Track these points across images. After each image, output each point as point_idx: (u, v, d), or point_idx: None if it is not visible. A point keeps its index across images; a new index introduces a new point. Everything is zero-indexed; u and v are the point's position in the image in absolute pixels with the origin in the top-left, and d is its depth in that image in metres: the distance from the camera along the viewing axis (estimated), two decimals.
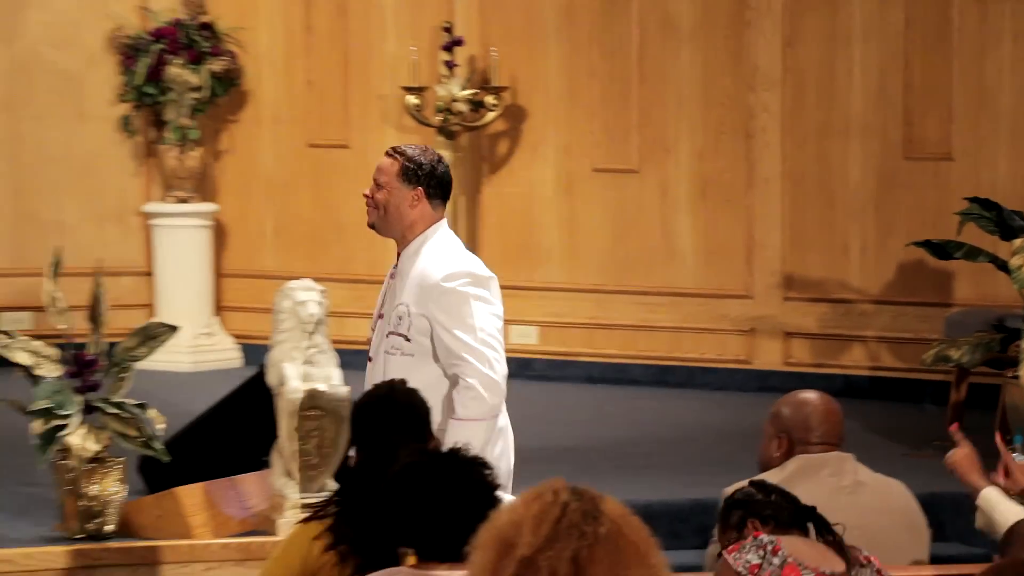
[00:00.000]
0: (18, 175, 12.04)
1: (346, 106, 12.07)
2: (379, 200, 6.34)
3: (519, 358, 11.61)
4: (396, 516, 4.83)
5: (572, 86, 11.68)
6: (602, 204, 11.65)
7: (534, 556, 3.63)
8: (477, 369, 6.13)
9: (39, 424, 7.09)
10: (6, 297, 11.62)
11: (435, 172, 6.32)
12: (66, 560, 7.07)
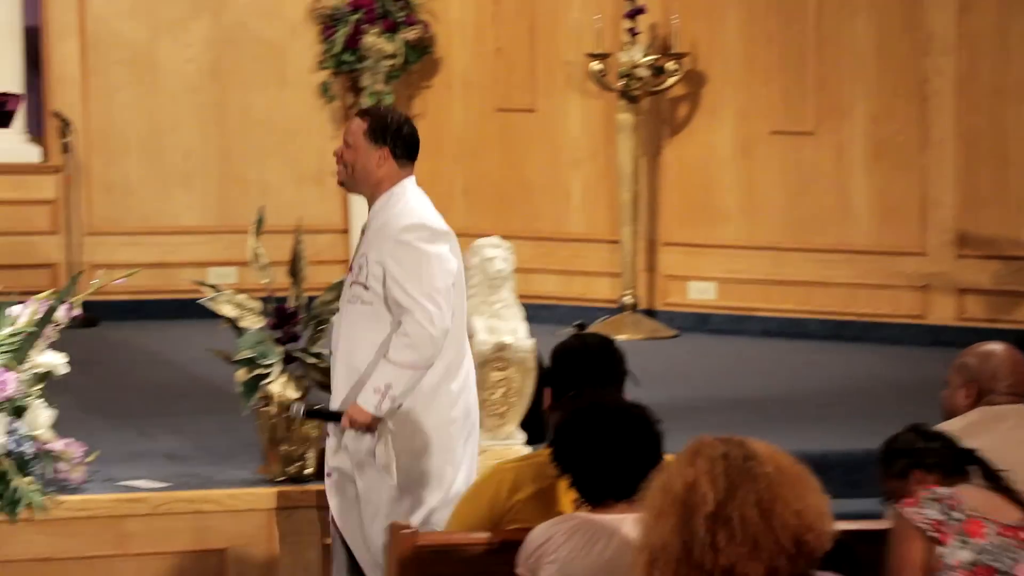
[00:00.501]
0: (225, 139, 12.16)
1: (532, 72, 12.03)
2: (347, 159, 6.34)
3: (698, 313, 11.59)
4: (569, 462, 4.82)
5: (750, 51, 11.56)
6: (779, 165, 11.53)
7: (720, 510, 3.60)
8: (417, 323, 6.07)
9: (243, 373, 7.15)
10: (213, 253, 11.75)
11: (401, 132, 6.31)
12: (268, 501, 7.13)
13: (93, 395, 8.96)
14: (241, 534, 7.08)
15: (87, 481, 7.10)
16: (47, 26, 11.87)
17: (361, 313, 6.21)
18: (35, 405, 6.94)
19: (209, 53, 12.12)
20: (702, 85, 11.70)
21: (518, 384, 7.22)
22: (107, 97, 11.93)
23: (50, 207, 11.75)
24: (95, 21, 11.90)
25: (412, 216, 6.21)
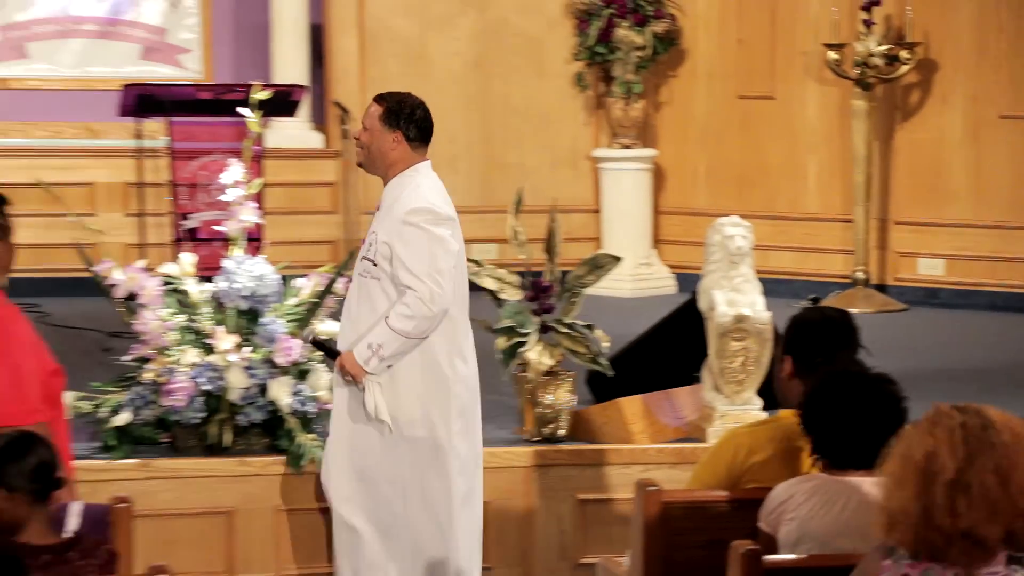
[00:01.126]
0: (487, 126, 12.28)
1: (772, 61, 11.97)
2: (364, 141, 6.33)
3: (927, 287, 11.44)
4: (817, 426, 4.81)
5: (981, 41, 11.38)
6: (1007, 148, 11.34)
7: (959, 477, 3.58)
8: (418, 299, 6.08)
9: (503, 341, 7.22)
10: (476, 231, 11.81)
11: (413, 116, 6.28)
12: (525, 459, 7.20)
13: None
14: (501, 488, 7.15)
15: None
16: (330, 24, 12.09)
17: (369, 286, 6.23)
18: (317, 369, 7.09)
19: (474, 46, 12.24)
20: (933, 73, 11.54)
21: (756, 353, 7.20)
22: (382, 87, 12.03)
23: (330, 189, 11.97)
24: (372, 19, 12.08)
25: (419, 200, 6.19)
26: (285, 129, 11.51)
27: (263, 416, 6.98)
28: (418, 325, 6.11)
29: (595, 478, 7.20)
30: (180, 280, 7.11)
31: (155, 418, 7.03)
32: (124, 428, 6.99)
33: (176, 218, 9.21)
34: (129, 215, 11.18)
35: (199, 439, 7.02)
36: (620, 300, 11.39)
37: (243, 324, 7.02)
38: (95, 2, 12.18)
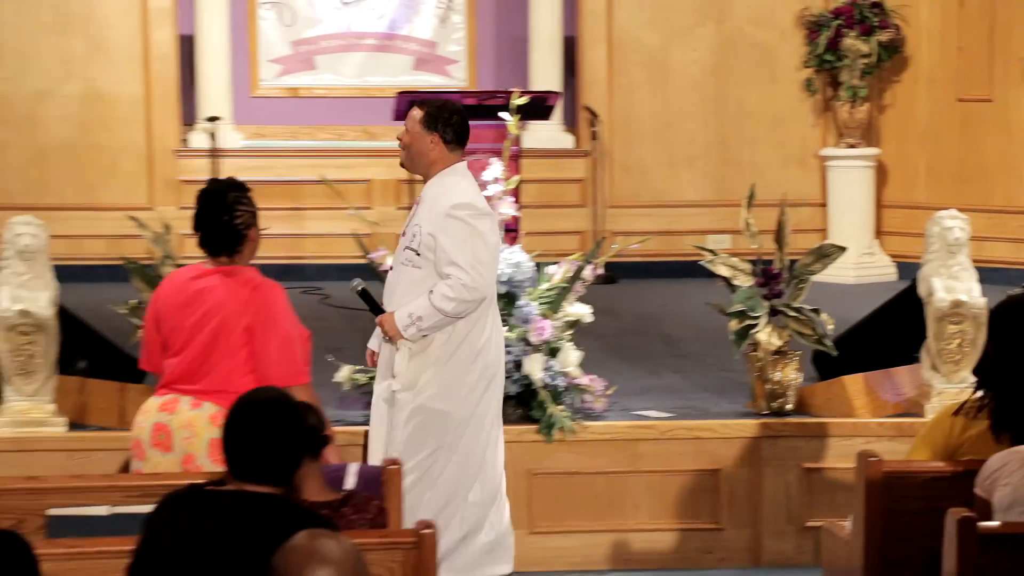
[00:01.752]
0: (723, 127, 12.18)
1: (991, 67, 11.66)
2: (405, 143, 6.20)
3: None
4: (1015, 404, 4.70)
5: None
6: None
7: None
8: (460, 284, 5.97)
9: (735, 323, 7.16)
10: (711, 223, 11.80)
11: (451, 121, 6.14)
12: (755, 431, 7.13)
13: (612, 340, 9.11)
14: (732, 457, 7.10)
15: (607, 410, 7.23)
16: (581, 36, 12.10)
17: (412, 274, 6.14)
18: (566, 347, 7.10)
19: (712, 55, 12.16)
20: None
21: (971, 336, 7.04)
22: (627, 93, 12.10)
23: (579, 185, 11.98)
24: (619, 31, 12.07)
25: (463, 196, 6.08)
26: (540, 131, 11.55)
27: (518, 389, 7.01)
28: (456, 307, 6.04)
29: (819, 449, 7.10)
30: None
31: None
32: None
33: None
34: (401, 208, 11.34)
35: None
36: (844, 287, 11.21)
37: (501, 306, 7.04)
38: (374, 19, 12.36)
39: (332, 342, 8.40)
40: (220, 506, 4.05)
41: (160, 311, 5.68)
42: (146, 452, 5.58)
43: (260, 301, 5.62)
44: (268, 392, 4.29)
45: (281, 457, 4.10)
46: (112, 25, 11.54)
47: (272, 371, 5.54)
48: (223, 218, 5.65)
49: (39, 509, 4.88)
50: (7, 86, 11.39)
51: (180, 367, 5.60)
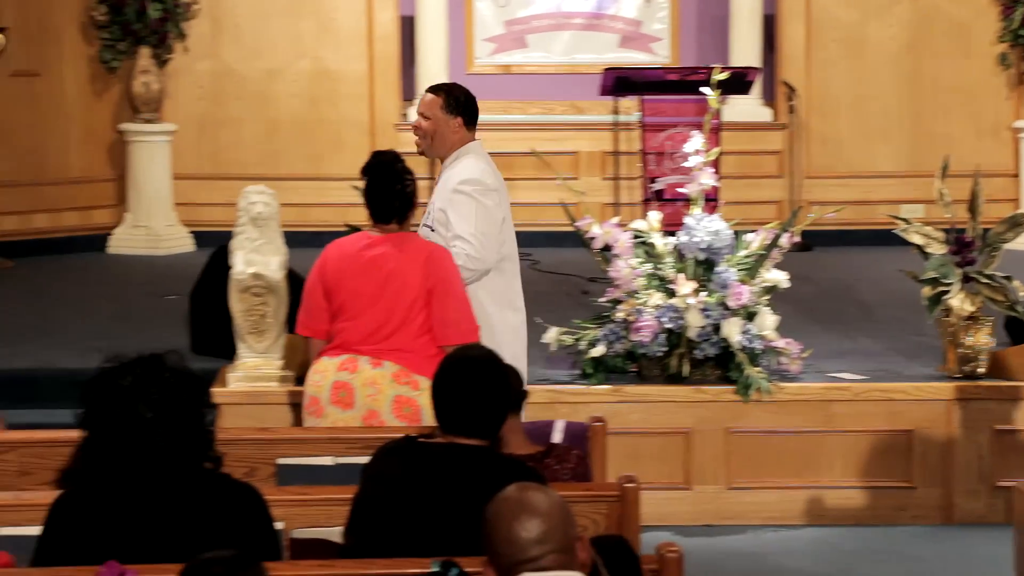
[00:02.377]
0: (917, 101, 11.90)
1: None
2: (427, 130, 6.09)
3: None
4: None
5: None
6: None
7: None
8: (463, 254, 5.88)
9: (928, 289, 7.01)
10: (905, 193, 11.56)
11: (467, 104, 6.10)
12: (947, 393, 6.98)
13: (808, 305, 8.99)
14: (924, 419, 6.97)
15: (802, 372, 7.15)
16: (780, 13, 11.92)
17: None
18: (763, 311, 7.03)
19: (907, 31, 11.87)
20: None
21: None
22: (824, 68, 11.88)
23: (776, 156, 11.82)
24: (817, 8, 11.85)
25: (470, 172, 6.02)
26: (740, 105, 11.40)
27: (716, 351, 6.95)
28: (467, 273, 5.94)
29: (1011, 411, 6.94)
30: (648, 234, 7.14)
31: (625, 351, 7.09)
32: (599, 359, 7.07)
33: (645, 181, 9.27)
34: (606, 179, 11.34)
35: (662, 369, 7.04)
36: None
37: (700, 272, 7.02)
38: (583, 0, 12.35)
39: (541, 305, 8.43)
40: (433, 457, 4.08)
41: (331, 279, 5.72)
42: (325, 409, 5.65)
43: (436, 265, 5.69)
44: (476, 350, 4.34)
45: (489, 411, 4.13)
46: (339, 7, 11.69)
47: (450, 330, 5.61)
48: (396, 187, 5.71)
49: (270, 458, 4.97)
50: (243, 65, 11.61)
51: (358, 330, 5.65)
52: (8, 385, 7.08)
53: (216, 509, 3.71)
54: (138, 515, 3.68)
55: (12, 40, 10.57)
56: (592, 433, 5.31)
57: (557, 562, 3.20)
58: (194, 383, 3.79)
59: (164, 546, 3.63)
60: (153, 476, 3.68)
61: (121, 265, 10.69)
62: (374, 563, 3.86)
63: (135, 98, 11.17)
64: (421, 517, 4.00)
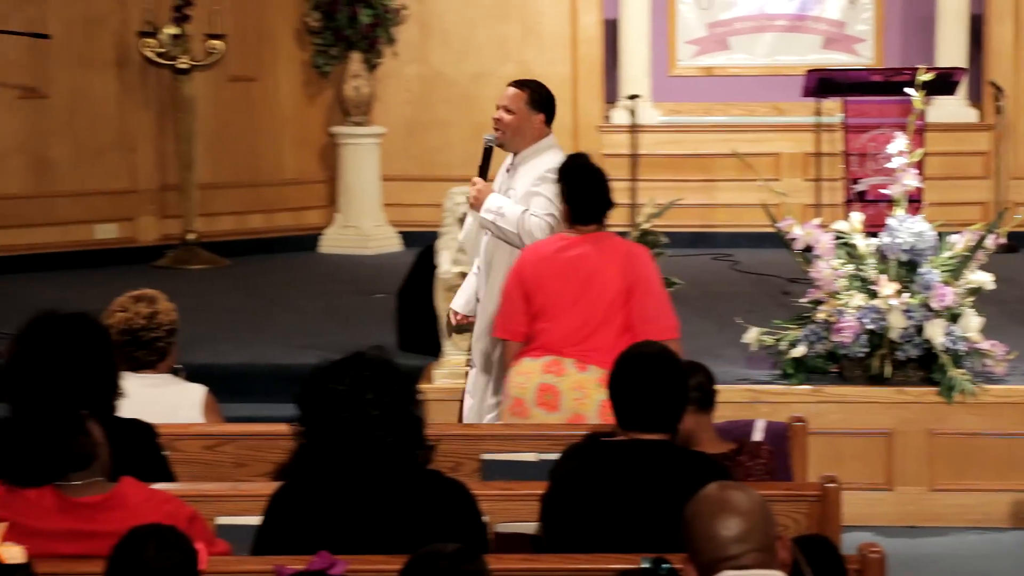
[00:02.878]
0: None
1: None
2: (510, 123, 6.13)
3: None
4: None
5: None
6: None
7: None
8: (545, 225, 5.98)
9: None
10: None
11: (551, 101, 6.18)
12: None
13: (1013, 307, 8.76)
14: None
15: (1008, 374, 6.99)
16: (988, 12, 11.64)
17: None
18: (967, 313, 6.90)
19: None
20: None
21: None
22: None
23: (983, 157, 11.55)
24: None
25: (553, 163, 5.98)
26: (945, 106, 11.17)
27: (919, 352, 6.85)
28: (527, 239, 5.99)
29: None
30: (849, 235, 7.06)
31: (826, 351, 7.02)
32: (800, 359, 7.01)
33: (847, 182, 9.17)
34: (807, 180, 11.19)
35: (863, 370, 6.95)
36: None
37: (903, 273, 6.91)
38: (786, 1, 12.22)
39: (741, 305, 8.38)
40: (615, 455, 4.12)
41: (530, 281, 5.75)
42: (530, 411, 5.66)
43: (636, 264, 5.70)
44: (650, 346, 4.35)
45: (667, 405, 4.14)
46: (544, 11, 11.75)
47: (650, 326, 5.61)
48: (599, 188, 5.74)
49: (474, 453, 5.02)
50: (451, 69, 11.75)
51: (559, 331, 5.66)
52: (223, 379, 7.24)
53: (428, 504, 3.79)
54: (353, 508, 3.77)
55: (230, 46, 10.86)
56: (793, 433, 5.27)
57: (757, 561, 3.19)
58: (409, 380, 3.88)
59: (376, 539, 3.71)
60: (372, 471, 3.77)
61: (331, 264, 10.90)
62: (575, 558, 3.89)
63: (346, 101, 11.39)
64: (607, 514, 4.03)
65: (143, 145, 10.85)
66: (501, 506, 4.34)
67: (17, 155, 10.40)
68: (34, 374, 4.01)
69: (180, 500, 3.92)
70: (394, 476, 3.78)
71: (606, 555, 3.86)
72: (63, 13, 10.46)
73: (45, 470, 3.75)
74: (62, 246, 10.48)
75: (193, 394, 5.19)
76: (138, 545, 3.33)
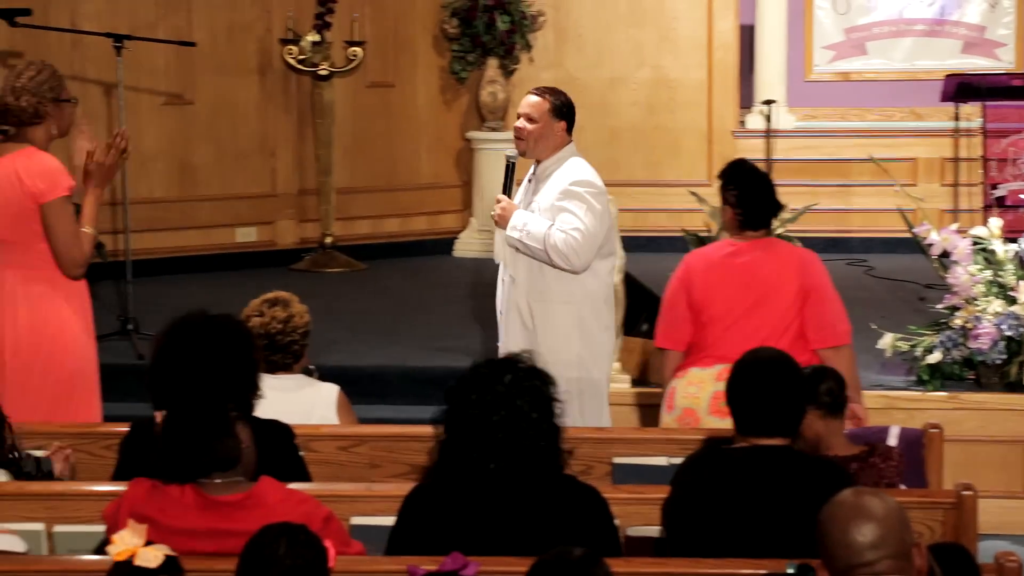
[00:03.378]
0: None
1: None
2: (532, 132, 6.05)
3: None
4: None
5: None
6: None
7: None
8: (574, 243, 5.93)
9: None
10: None
11: (572, 109, 6.11)
12: None
13: None
14: None
15: None
16: None
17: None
18: None
19: None
20: None
21: None
22: None
23: None
24: None
25: (583, 174, 6.02)
26: None
27: None
28: (554, 256, 5.96)
29: None
30: (988, 241, 6.94)
31: (962, 358, 6.90)
32: (935, 365, 6.90)
33: (986, 188, 9.03)
34: (944, 185, 11.02)
35: (1000, 377, 6.83)
36: None
37: None
38: (925, 6, 12.04)
39: (875, 311, 8.27)
40: (736, 462, 4.08)
41: (699, 289, 5.69)
42: (703, 419, 5.60)
43: (810, 268, 5.66)
44: (767, 351, 4.33)
45: (786, 409, 4.11)
46: (680, 17, 11.70)
47: (827, 332, 5.58)
48: (769, 194, 5.68)
49: (606, 457, 5.01)
50: (586, 74, 11.74)
51: (733, 339, 5.56)
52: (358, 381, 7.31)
53: (563, 509, 3.79)
54: (490, 510, 3.78)
55: (369, 53, 10.95)
56: (928, 440, 5.19)
57: (892, 567, 3.14)
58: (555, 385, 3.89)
59: (510, 542, 3.71)
60: (518, 474, 3.77)
61: (465, 268, 10.94)
62: (703, 563, 3.87)
63: (482, 107, 11.43)
64: (728, 521, 4.01)
65: (283, 150, 10.99)
66: (632, 510, 4.33)
67: (162, 160, 10.58)
68: (182, 375, 4.06)
69: (316, 500, 3.94)
70: (535, 480, 3.79)
71: (733, 560, 3.82)
72: (208, 21, 10.62)
73: (193, 469, 3.79)
74: (204, 249, 10.63)
75: (327, 394, 5.23)
76: (270, 542, 3.36)
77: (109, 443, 4.91)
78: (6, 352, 5.62)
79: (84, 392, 5.69)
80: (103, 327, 6.14)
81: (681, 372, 5.71)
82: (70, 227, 5.57)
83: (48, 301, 5.62)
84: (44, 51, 9.52)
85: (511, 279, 6.21)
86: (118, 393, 6.19)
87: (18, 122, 5.62)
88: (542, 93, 6.18)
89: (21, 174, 5.55)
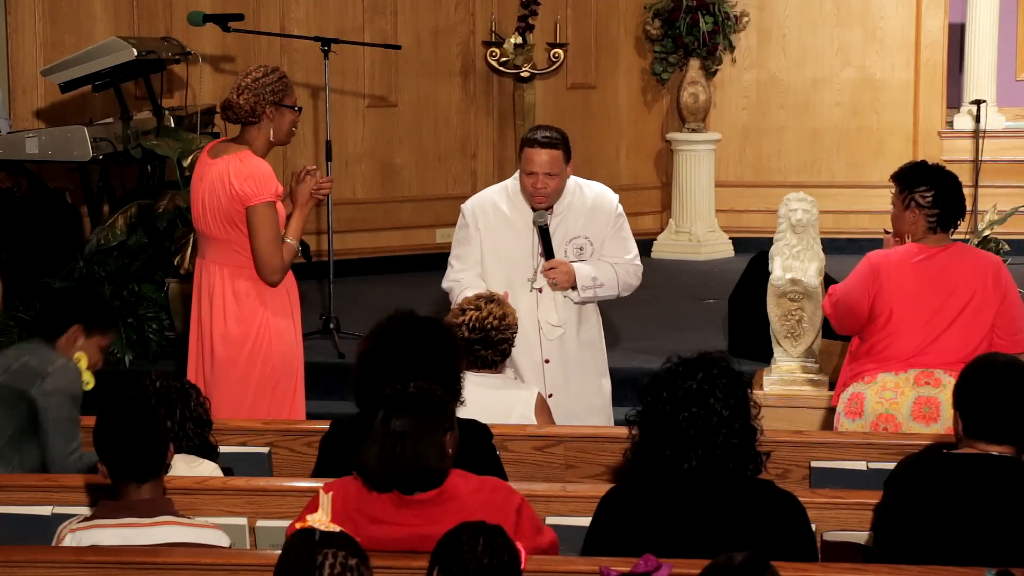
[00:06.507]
0: None
1: None
2: (557, 186, 6.11)
3: None
4: None
5: None
6: None
7: None
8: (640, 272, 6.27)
9: None
10: None
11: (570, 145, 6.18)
12: None
13: None
14: None
15: None
16: None
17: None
18: None
19: None
20: None
21: None
22: None
23: None
24: None
25: (605, 193, 6.25)
26: None
27: None
28: (628, 289, 6.23)
29: None
30: None
31: None
32: None
33: None
34: None
35: None
36: None
37: None
38: None
39: None
40: (959, 469, 3.99)
41: (889, 289, 5.58)
42: (904, 424, 5.50)
43: (1004, 275, 5.61)
44: (1001, 356, 4.24)
45: (1017, 416, 4.01)
46: (887, 16, 11.50)
47: (1020, 337, 5.51)
48: (960, 196, 5.61)
49: (803, 460, 4.96)
50: (789, 74, 11.62)
51: (932, 345, 5.51)
52: None
53: (760, 515, 3.76)
54: (686, 513, 3.76)
55: (571, 55, 10.99)
56: None
57: None
58: (748, 386, 3.88)
59: (705, 546, 3.69)
60: (711, 475, 3.75)
61: (664, 269, 10.91)
62: (906, 569, 3.80)
63: (683, 108, 11.38)
64: (946, 529, 3.92)
65: (484, 152, 11.09)
66: (830, 514, 4.28)
67: (365, 161, 10.76)
68: (389, 377, 4.11)
69: (509, 487, 3.95)
70: (730, 484, 3.77)
71: (937, 567, 3.76)
72: (413, 24, 10.77)
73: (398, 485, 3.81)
74: (404, 249, 10.78)
75: (527, 396, 5.28)
76: (465, 540, 3.38)
77: (311, 440, 5.01)
78: (215, 346, 5.77)
79: (288, 388, 5.80)
80: (306, 325, 6.25)
81: (863, 378, 5.62)
82: (271, 232, 5.67)
83: (255, 298, 5.75)
84: (254, 55, 9.78)
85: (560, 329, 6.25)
86: (319, 391, 6.30)
87: (237, 119, 5.75)
88: (552, 144, 6.16)
89: (232, 175, 5.68)
